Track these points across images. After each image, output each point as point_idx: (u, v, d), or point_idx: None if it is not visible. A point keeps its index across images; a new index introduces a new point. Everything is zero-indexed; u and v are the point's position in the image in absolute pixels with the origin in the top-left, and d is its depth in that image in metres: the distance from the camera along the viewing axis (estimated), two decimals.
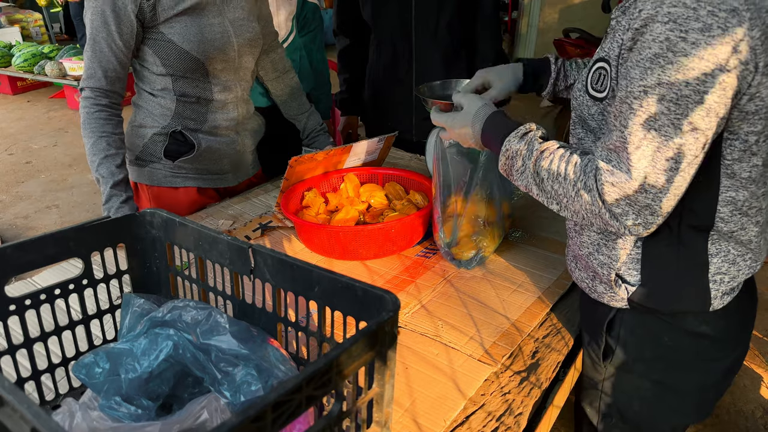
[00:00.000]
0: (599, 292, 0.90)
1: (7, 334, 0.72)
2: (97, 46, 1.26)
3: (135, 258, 0.85)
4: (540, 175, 0.83)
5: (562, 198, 0.81)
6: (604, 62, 0.79)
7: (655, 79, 0.67)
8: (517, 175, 0.87)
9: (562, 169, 0.80)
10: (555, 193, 0.81)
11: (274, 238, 1.36)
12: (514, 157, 0.87)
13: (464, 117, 0.98)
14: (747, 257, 0.81)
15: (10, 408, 0.44)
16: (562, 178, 0.79)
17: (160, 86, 1.37)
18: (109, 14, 1.23)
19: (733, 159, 0.74)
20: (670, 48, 0.65)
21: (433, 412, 0.82)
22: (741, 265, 0.81)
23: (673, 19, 0.65)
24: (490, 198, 1.20)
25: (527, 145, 0.85)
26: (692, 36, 0.64)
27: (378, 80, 1.97)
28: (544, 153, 0.82)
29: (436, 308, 1.06)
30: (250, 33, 1.44)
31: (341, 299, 0.66)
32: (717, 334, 0.86)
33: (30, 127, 5.38)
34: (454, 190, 1.17)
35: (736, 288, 0.84)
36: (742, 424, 1.90)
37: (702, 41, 0.64)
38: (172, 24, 1.29)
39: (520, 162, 0.85)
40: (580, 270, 0.94)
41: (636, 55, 0.69)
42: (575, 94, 0.87)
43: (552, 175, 0.81)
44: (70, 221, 3.48)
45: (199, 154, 1.46)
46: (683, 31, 0.64)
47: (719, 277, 0.81)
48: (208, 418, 0.63)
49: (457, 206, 1.18)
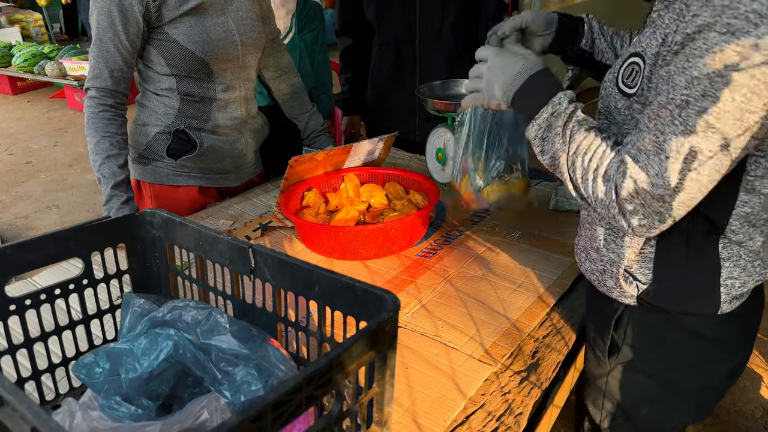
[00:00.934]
0: (608, 286, 0.90)
1: (7, 334, 0.72)
2: (103, 46, 1.26)
3: (135, 258, 0.85)
4: (569, 144, 0.81)
5: (578, 173, 0.80)
6: (638, 57, 0.77)
7: (701, 91, 0.65)
8: (550, 135, 0.83)
9: (592, 147, 0.78)
10: (573, 166, 0.80)
11: (274, 238, 1.36)
12: (559, 116, 0.82)
13: (514, 65, 0.90)
14: (756, 264, 0.81)
15: (10, 408, 0.44)
16: (589, 157, 0.78)
17: (164, 86, 1.38)
18: (116, 15, 1.23)
19: (756, 176, 0.73)
20: (723, 61, 0.63)
21: (433, 412, 0.82)
22: (751, 271, 0.81)
23: (731, 32, 0.62)
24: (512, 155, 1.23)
25: (574, 108, 0.83)
26: (746, 51, 0.62)
27: (381, 81, 1.97)
28: (582, 124, 0.81)
29: (436, 308, 1.06)
30: (254, 32, 1.44)
31: (341, 299, 0.66)
32: (722, 336, 0.86)
33: (30, 127, 5.38)
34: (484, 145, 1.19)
35: (745, 293, 0.84)
36: (742, 424, 1.90)
37: (756, 58, 0.61)
38: (177, 24, 1.29)
39: (561, 123, 0.82)
40: (591, 262, 0.94)
41: (683, 62, 0.67)
42: (605, 85, 0.86)
43: (580, 150, 0.79)
44: (70, 221, 3.48)
45: (202, 152, 1.46)
46: (739, 45, 0.62)
47: (730, 281, 0.80)
48: (208, 418, 0.63)
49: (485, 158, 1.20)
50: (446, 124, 1.56)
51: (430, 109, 1.55)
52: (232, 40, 1.37)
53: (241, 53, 1.41)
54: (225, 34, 1.35)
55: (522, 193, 1.27)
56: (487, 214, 1.44)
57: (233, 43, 1.38)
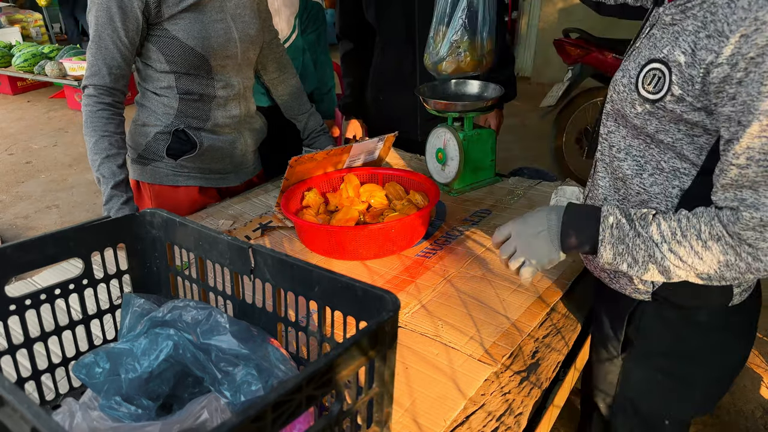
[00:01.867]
0: (621, 283, 0.91)
1: (7, 334, 0.72)
2: (102, 43, 1.26)
3: (135, 258, 0.85)
4: (654, 240, 0.77)
5: (685, 259, 0.76)
6: (660, 63, 0.76)
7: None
8: (630, 245, 0.79)
9: (675, 226, 0.76)
10: (674, 256, 0.76)
11: (274, 238, 1.36)
12: (620, 226, 0.80)
13: (537, 215, 0.89)
14: None
15: (10, 408, 0.44)
16: (680, 235, 0.75)
17: (163, 84, 1.38)
18: (115, 11, 1.23)
19: None
20: None
21: (433, 412, 0.82)
22: None
23: None
24: (473, 32, 1.45)
25: (623, 214, 0.81)
26: None
27: (382, 81, 1.98)
28: (647, 217, 0.79)
29: (436, 308, 1.06)
30: (252, 29, 1.44)
31: (341, 299, 0.66)
32: (731, 328, 0.89)
33: (30, 127, 5.38)
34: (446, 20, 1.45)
35: (753, 284, 0.86)
36: (742, 424, 1.90)
37: None
38: (176, 21, 1.29)
39: (628, 227, 0.79)
40: (601, 269, 0.95)
41: (759, 86, 0.65)
42: (618, 88, 0.85)
43: (666, 237, 0.76)
44: (70, 221, 3.48)
45: (202, 152, 1.46)
46: None
47: None
48: (208, 418, 0.63)
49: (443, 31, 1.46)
50: (446, 124, 1.56)
51: (431, 110, 1.55)
52: (231, 36, 1.38)
53: (239, 50, 1.41)
54: (224, 30, 1.36)
55: (470, 68, 1.49)
56: (487, 214, 1.45)
57: (232, 40, 1.38)
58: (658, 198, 0.84)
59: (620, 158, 0.88)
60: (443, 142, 1.56)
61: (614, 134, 0.88)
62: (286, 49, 1.79)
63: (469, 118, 1.53)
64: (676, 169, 0.81)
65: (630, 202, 0.88)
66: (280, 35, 1.93)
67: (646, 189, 0.85)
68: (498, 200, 1.53)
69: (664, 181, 0.83)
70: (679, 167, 0.80)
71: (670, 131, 0.78)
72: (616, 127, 0.87)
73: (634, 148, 0.85)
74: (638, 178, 0.85)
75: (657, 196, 0.84)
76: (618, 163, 0.88)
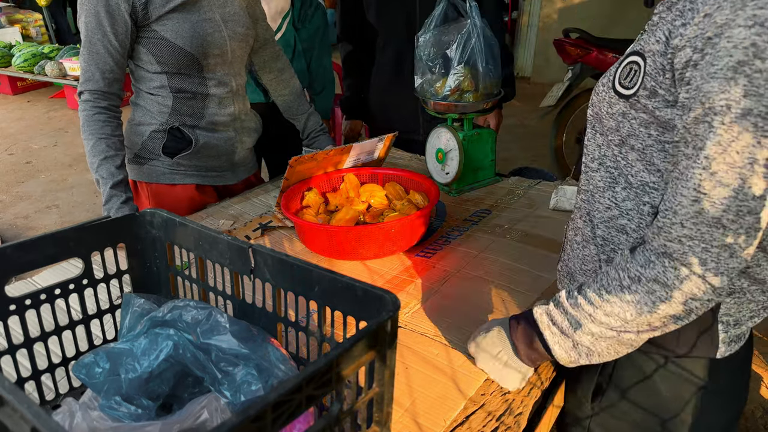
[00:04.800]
0: None
1: (7, 334, 0.72)
2: (93, 48, 1.27)
3: (135, 258, 0.85)
4: (585, 311, 0.74)
5: (622, 315, 0.70)
6: (637, 56, 0.72)
7: (741, 91, 0.58)
8: (570, 332, 0.76)
9: (597, 287, 0.72)
10: (612, 318, 0.71)
11: (274, 238, 1.36)
12: (552, 318, 0.78)
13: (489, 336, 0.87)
14: (758, 299, 0.75)
15: (10, 408, 0.44)
16: (605, 293, 0.71)
17: (156, 84, 1.38)
18: (103, 15, 1.24)
19: None
20: (758, 54, 0.57)
21: (433, 412, 0.82)
22: (748, 308, 0.75)
23: (760, 23, 0.57)
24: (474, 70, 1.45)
25: (553, 301, 0.79)
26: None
27: (383, 81, 1.98)
28: (572, 293, 0.76)
29: (436, 308, 1.06)
30: (241, 27, 1.45)
31: (341, 299, 0.66)
32: (718, 386, 0.81)
33: (30, 127, 5.38)
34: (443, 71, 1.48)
35: (743, 336, 0.78)
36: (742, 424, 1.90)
37: None
38: (164, 21, 1.30)
39: (566, 323, 0.76)
40: None
41: (709, 67, 0.61)
42: (597, 89, 0.82)
43: (595, 302, 0.72)
44: (70, 221, 3.48)
45: (197, 150, 1.46)
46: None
47: (726, 318, 0.75)
48: (208, 418, 0.63)
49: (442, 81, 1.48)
50: (446, 124, 1.56)
51: (430, 110, 1.55)
52: (220, 35, 1.38)
53: (229, 48, 1.42)
54: (212, 29, 1.36)
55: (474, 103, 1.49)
56: (487, 214, 1.45)
57: (221, 38, 1.38)
58: (630, 214, 0.78)
59: (593, 168, 0.83)
60: (443, 142, 1.56)
61: (591, 142, 0.83)
62: (281, 48, 1.80)
63: (469, 119, 1.53)
64: (645, 183, 0.75)
65: (595, 218, 0.83)
66: None
67: (617, 204, 0.79)
68: (498, 200, 1.54)
69: (635, 197, 0.77)
70: (648, 182, 0.75)
71: (640, 136, 0.73)
72: (593, 134, 0.82)
73: (608, 159, 0.80)
74: (610, 191, 0.80)
75: (629, 212, 0.78)
76: (591, 174, 0.84)
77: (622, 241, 0.79)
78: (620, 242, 0.80)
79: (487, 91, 1.47)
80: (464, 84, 1.45)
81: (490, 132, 1.58)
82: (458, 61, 1.43)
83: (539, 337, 0.81)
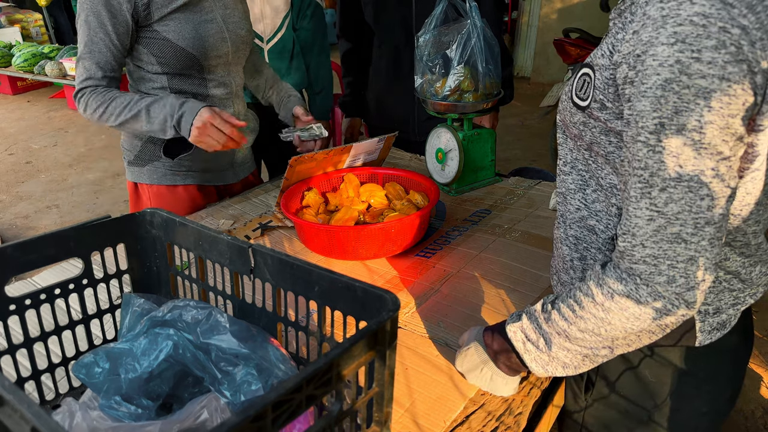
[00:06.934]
0: None
1: (7, 334, 0.72)
2: (95, 47, 1.26)
3: (135, 258, 0.85)
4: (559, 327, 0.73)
5: (597, 331, 0.70)
6: (588, 68, 0.72)
7: (672, 108, 0.59)
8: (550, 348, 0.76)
9: (571, 302, 0.71)
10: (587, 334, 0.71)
11: (274, 238, 1.36)
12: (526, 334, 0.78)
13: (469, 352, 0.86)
14: (735, 287, 0.76)
15: (10, 408, 0.44)
16: (578, 309, 0.71)
17: (156, 85, 1.38)
18: (105, 15, 1.23)
19: None
20: (683, 71, 0.58)
21: (433, 412, 0.82)
22: (727, 296, 0.76)
23: (681, 39, 0.58)
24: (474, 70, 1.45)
25: (527, 315, 0.78)
26: (706, 55, 0.57)
27: (380, 81, 1.98)
28: (546, 307, 0.76)
29: (436, 308, 1.06)
30: (242, 29, 1.45)
31: (341, 299, 0.66)
32: (703, 372, 0.81)
33: (30, 127, 5.39)
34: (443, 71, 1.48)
35: (727, 323, 0.78)
36: (742, 424, 1.90)
37: (719, 60, 0.57)
38: (166, 22, 1.30)
39: (541, 340, 0.76)
40: (562, 286, 0.89)
41: (640, 86, 0.61)
42: (562, 98, 0.83)
43: (569, 318, 0.72)
44: (70, 221, 3.48)
45: (198, 151, 1.46)
46: (696, 51, 0.57)
47: (704, 308, 0.76)
48: (208, 418, 0.63)
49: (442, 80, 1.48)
50: (446, 124, 1.56)
51: (430, 110, 1.55)
52: (222, 36, 1.38)
53: (231, 49, 1.42)
54: (215, 30, 1.36)
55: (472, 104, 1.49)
56: (487, 214, 1.45)
57: (223, 40, 1.38)
58: (599, 215, 0.78)
59: (565, 171, 0.84)
60: (443, 142, 1.56)
61: (563, 147, 0.84)
62: (272, 46, 1.83)
63: (468, 119, 1.53)
64: (613, 185, 0.75)
65: (567, 219, 0.84)
66: (264, 33, 1.93)
67: (587, 205, 0.80)
68: (498, 200, 1.54)
69: (605, 199, 0.77)
70: (615, 183, 0.75)
71: (602, 143, 0.73)
72: (564, 139, 0.83)
73: (580, 162, 0.81)
74: (581, 193, 0.81)
75: (598, 213, 0.78)
76: (563, 177, 0.84)
77: (593, 240, 0.80)
78: (591, 242, 0.81)
79: (487, 92, 1.47)
80: (464, 84, 1.45)
81: (490, 132, 1.58)
82: (458, 62, 1.43)
83: (515, 353, 0.81)
